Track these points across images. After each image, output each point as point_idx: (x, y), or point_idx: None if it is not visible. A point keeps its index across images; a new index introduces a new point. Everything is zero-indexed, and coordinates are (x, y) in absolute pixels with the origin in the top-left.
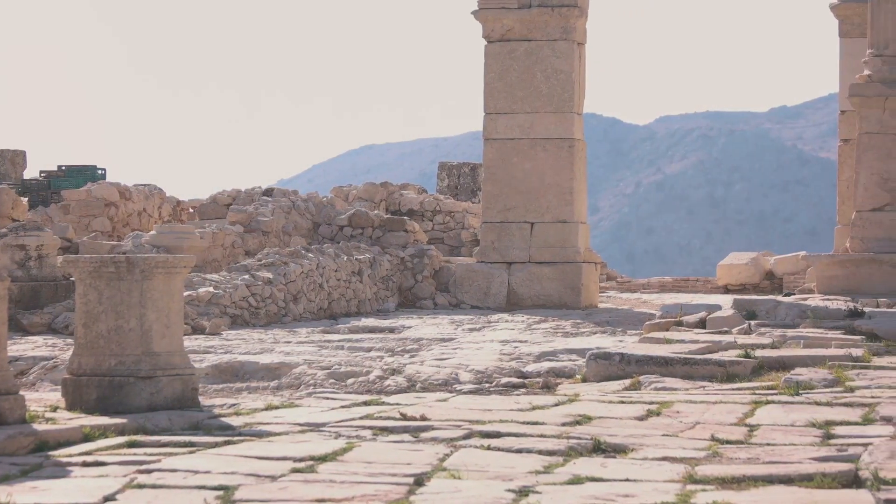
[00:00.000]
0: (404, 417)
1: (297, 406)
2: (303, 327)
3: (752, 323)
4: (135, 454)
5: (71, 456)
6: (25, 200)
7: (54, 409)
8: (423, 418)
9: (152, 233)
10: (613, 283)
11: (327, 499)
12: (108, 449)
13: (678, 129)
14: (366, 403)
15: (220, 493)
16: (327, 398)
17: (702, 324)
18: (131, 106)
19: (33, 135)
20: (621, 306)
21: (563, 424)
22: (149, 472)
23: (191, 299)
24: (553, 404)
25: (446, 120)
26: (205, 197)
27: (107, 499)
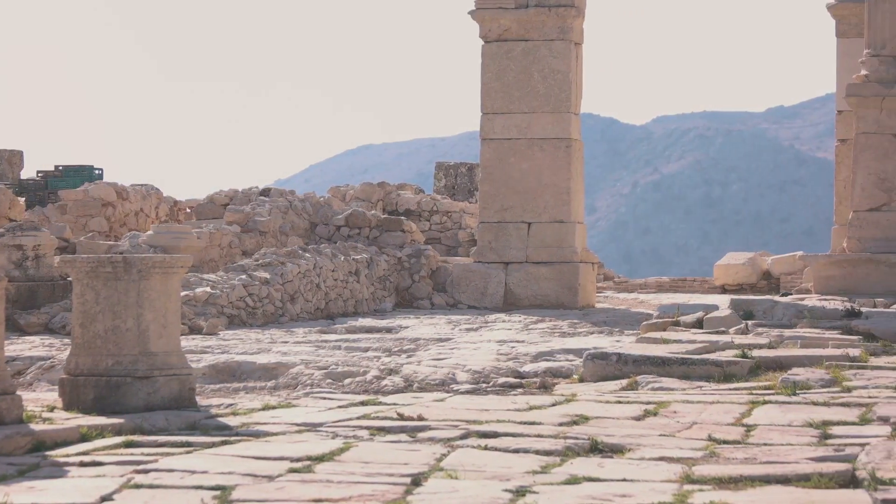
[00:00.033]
0: (401, 417)
1: (295, 406)
2: (300, 327)
3: (750, 323)
4: (132, 454)
5: (68, 456)
6: (22, 200)
7: (51, 409)
8: (420, 418)
9: (149, 233)
10: (610, 283)
11: (324, 499)
12: (105, 449)
13: (675, 129)
14: (363, 403)
15: (217, 493)
16: (324, 398)
17: (699, 324)
18: (128, 106)
19: (30, 135)
20: (618, 306)
21: (560, 424)
22: (146, 472)
23: (188, 299)
24: (550, 404)
25: (443, 120)
26: (202, 197)
27: (104, 499)
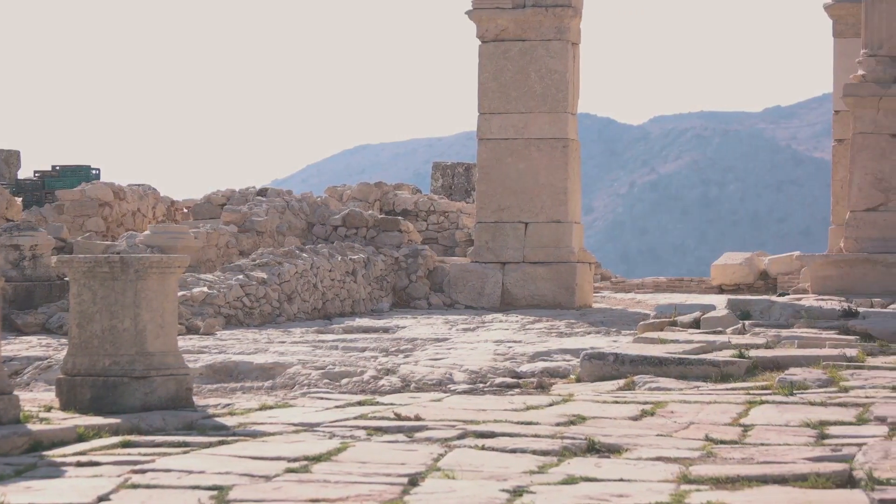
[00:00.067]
0: (398, 417)
1: (292, 406)
2: (297, 327)
3: (747, 323)
4: (129, 454)
5: (65, 456)
6: (20, 200)
7: (48, 409)
8: (418, 418)
9: (146, 233)
10: (608, 283)
11: (321, 499)
12: (102, 449)
13: (672, 129)
14: (360, 403)
15: (215, 493)
16: (321, 398)
17: (696, 324)
18: (125, 106)
19: (27, 135)
20: (615, 306)
21: (558, 424)
22: (143, 472)
23: (185, 299)
24: (547, 404)
25: (440, 120)
26: (199, 197)
27: (101, 499)
